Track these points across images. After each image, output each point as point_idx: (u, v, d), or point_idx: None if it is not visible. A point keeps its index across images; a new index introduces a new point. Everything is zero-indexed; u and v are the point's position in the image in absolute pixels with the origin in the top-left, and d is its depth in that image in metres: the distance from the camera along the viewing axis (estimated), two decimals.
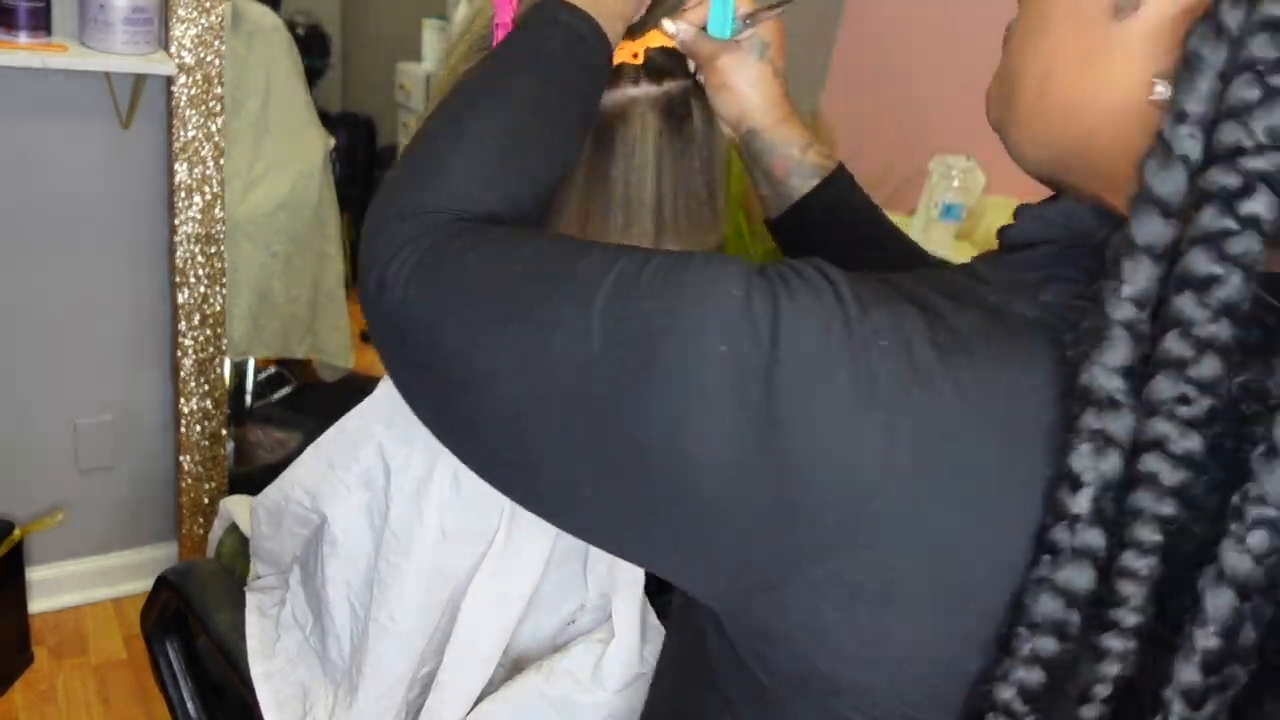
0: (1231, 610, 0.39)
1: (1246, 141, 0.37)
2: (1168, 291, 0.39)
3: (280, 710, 0.89)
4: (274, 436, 2.58)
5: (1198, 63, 0.38)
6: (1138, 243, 0.39)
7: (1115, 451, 0.40)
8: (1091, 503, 0.40)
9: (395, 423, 0.81)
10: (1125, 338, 0.39)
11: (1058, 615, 0.41)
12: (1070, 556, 0.40)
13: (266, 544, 0.97)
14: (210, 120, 1.69)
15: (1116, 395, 0.39)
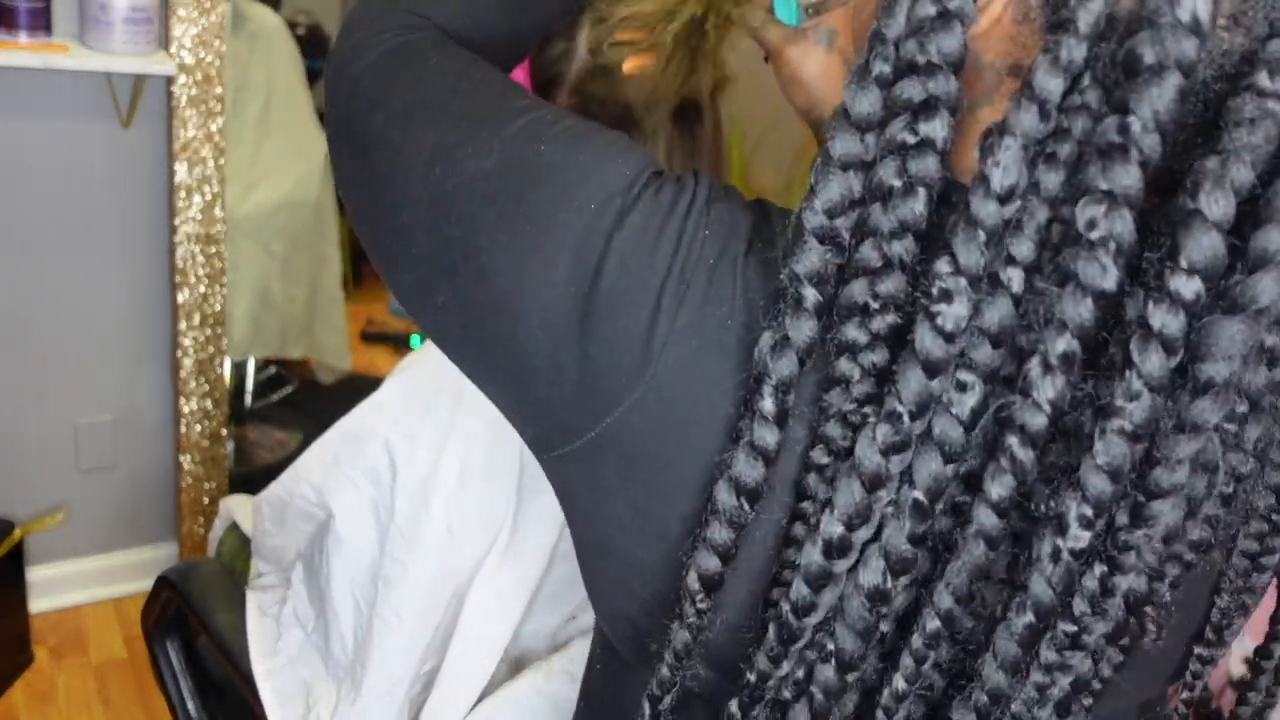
0: (858, 500, 0.39)
1: (920, 58, 0.39)
2: (867, 202, 0.40)
3: (283, 708, 0.89)
4: (274, 436, 2.58)
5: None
6: (833, 156, 0.41)
7: (792, 353, 0.41)
8: (769, 401, 0.41)
9: (401, 420, 0.82)
10: (814, 244, 0.41)
11: (730, 505, 0.42)
12: (745, 449, 0.41)
13: (270, 540, 0.97)
14: (210, 120, 1.69)
15: (802, 300, 0.41)
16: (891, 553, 0.40)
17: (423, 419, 0.81)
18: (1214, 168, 0.35)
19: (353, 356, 2.53)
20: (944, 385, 0.38)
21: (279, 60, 2.14)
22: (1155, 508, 0.37)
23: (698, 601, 0.44)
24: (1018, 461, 0.38)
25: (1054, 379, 0.36)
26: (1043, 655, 0.40)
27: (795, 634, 0.42)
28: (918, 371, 0.38)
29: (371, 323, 3.42)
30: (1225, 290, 0.35)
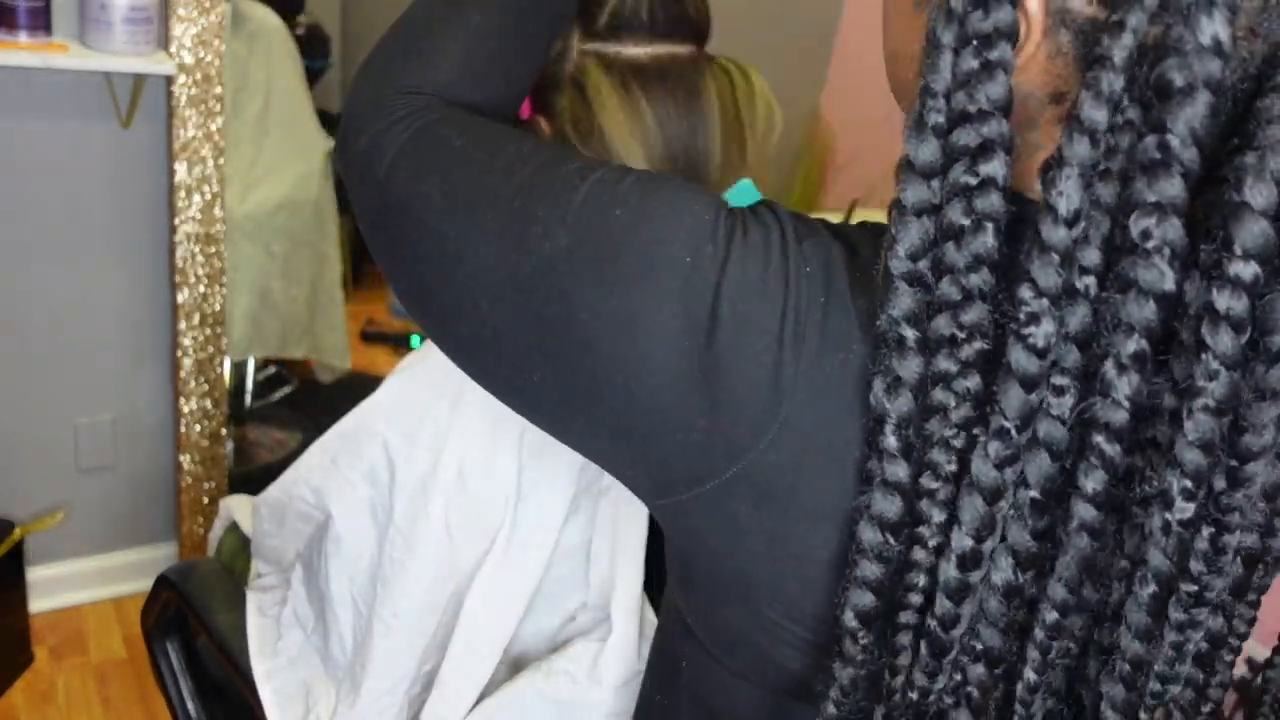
0: (982, 514, 0.43)
1: (971, 108, 0.42)
2: (939, 242, 0.43)
3: (282, 709, 0.89)
4: (274, 436, 2.58)
5: (935, 42, 0.43)
6: (906, 205, 0.44)
7: (906, 390, 0.44)
8: (893, 438, 0.44)
9: (400, 420, 0.82)
10: (905, 288, 0.44)
11: (876, 541, 0.45)
12: (880, 488, 0.45)
13: (269, 541, 0.97)
14: (210, 120, 1.69)
15: (904, 340, 0.44)
16: (1019, 550, 0.43)
17: (422, 420, 0.81)
18: (1253, 162, 0.38)
19: (353, 356, 2.52)
20: (1041, 394, 0.42)
21: (278, 60, 2.14)
22: (1249, 470, 0.41)
23: (859, 639, 0.46)
24: (1106, 456, 0.41)
25: (1129, 377, 0.40)
26: (1171, 617, 0.43)
27: (946, 646, 0.45)
28: (1016, 389, 0.42)
29: (371, 323, 3.42)
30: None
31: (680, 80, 0.79)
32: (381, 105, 0.58)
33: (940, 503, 0.44)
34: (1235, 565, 0.44)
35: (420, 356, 0.84)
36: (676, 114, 0.79)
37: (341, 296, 2.41)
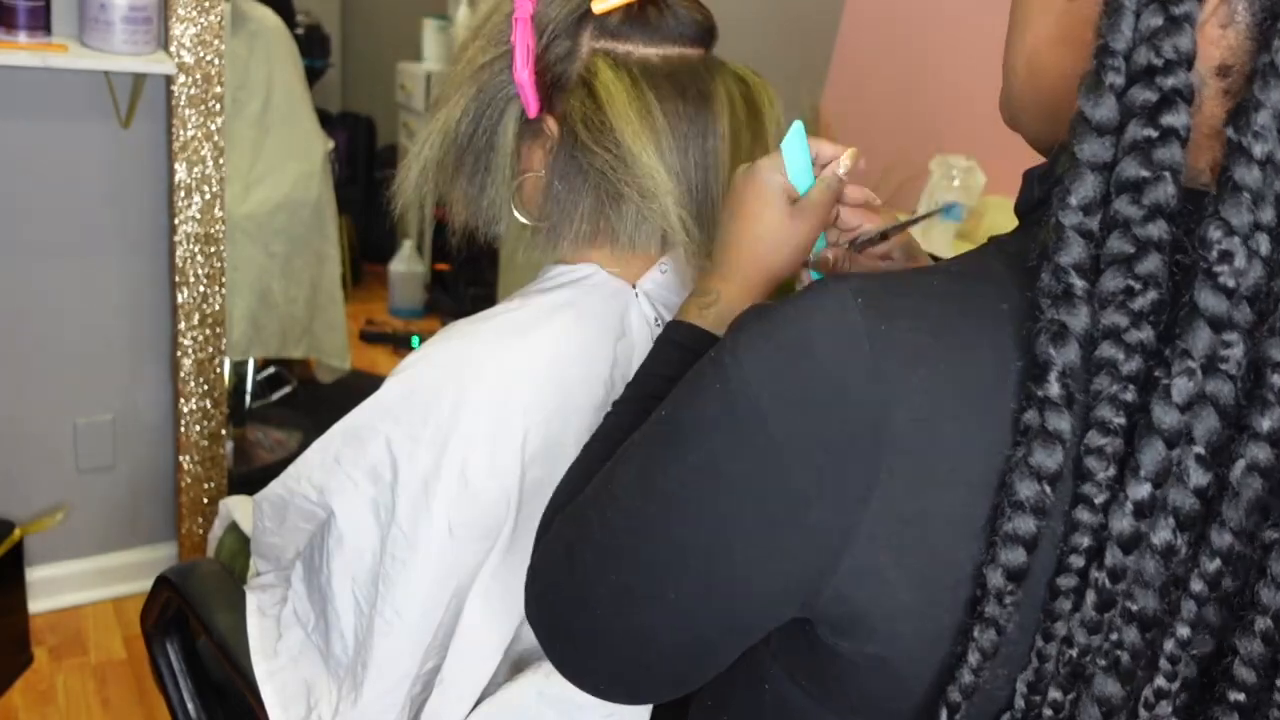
0: (1162, 459, 0.44)
1: (1156, 60, 0.43)
2: (1110, 198, 0.44)
3: (284, 708, 0.89)
4: (273, 436, 2.58)
5: (1117, 7, 0.44)
6: (1080, 159, 0.45)
7: (1073, 340, 0.44)
8: (1056, 386, 0.44)
9: (402, 419, 0.82)
10: (1076, 238, 0.45)
11: (1032, 494, 0.45)
12: (1039, 438, 0.45)
13: (269, 539, 0.97)
14: (210, 120, 1.69)
15: (1072, 289, 0.45)
16: (1180, 509, 0.45)
17: (424, 418, 0.81)
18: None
19: (352, 356, 2.52)
20: (1228, 335, 0.43)
21: (278, 59, 2.14)
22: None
23: (1006, 598, 0.47)
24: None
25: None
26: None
27: (1112, 599, 0.46)
28: (1204, 329, 0.43)
29: (371, 323, 3.42)
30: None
31: (692, 81, 0.79)
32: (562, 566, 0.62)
33: (1109, 457, 0.45)
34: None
35: (422, 356, 0.84)
36: (687, 115, 0.79)
37: (341, 296, 2.41)
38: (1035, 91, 0.55)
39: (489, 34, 0.81)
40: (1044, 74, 0.54)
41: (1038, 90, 0.55)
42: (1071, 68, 0.49)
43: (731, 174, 0.81)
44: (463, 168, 0.85)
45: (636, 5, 0.77)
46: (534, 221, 0.82)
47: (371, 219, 3.50)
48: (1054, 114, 0.53)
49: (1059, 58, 0.52)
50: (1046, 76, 0.54)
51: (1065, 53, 0.52)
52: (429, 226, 3.54)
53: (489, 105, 0.82)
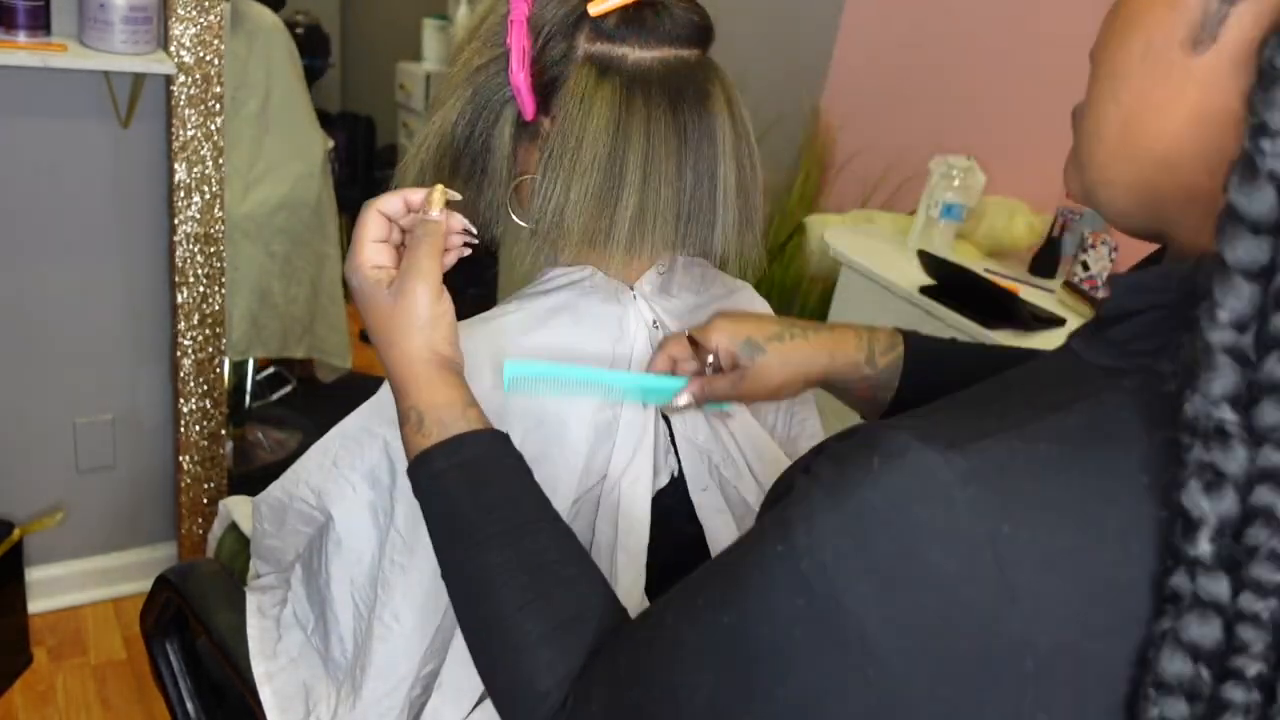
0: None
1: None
2: (1267, 312, 0.37)
3: (283, 710, 0.89)
4: (273, 436, 2.58)
5: (1274, 75, 0.37)
6: (1230, 263, 0.37)
7: (1229, 488, 0.38)
8: (1210, 544, 0.38)
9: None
10: (1228, 363, 0.38)
11: (1185, 673, 0.38)
12: (1192, 606, 0.38)
13: (268, 541, 0.97)
14: (210, 119, 1.69)
15: (1225, 425, 0.38)
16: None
17: None
18: None
19: (353, 356, 2.52)
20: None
21: (278, 59, 2.14)
22: None
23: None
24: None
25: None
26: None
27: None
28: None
29: None
30: None
31: (689, 83, 0.79)
32: None
33: (1266, 625, 0.38)
34: None
35: None
36: (681, 119, 0.78)
37: (341, 296, 2.41)
38: (1131, 163, 0.46)
39: (485, 36, 0.81)
40: (1148, 143, 0.45)
41: (1135, 162, 0.46)
42: (1189, 137, 0.42)
43: (726, 173, 0.81)
44: (459, 170, 0.85)
45: (633, 7, 0.77)
46: (531, 224, 0.82)
47: None
48: (1155, 192, 0.46)
49: (1171, 125, 0.44)
50: (1152, 146, 0.45)
51: (1180, 120, 0.43)
52: None
53: (485, 107, 0.81)
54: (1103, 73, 0.48)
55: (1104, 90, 0.47)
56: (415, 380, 0.67)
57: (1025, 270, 1.96)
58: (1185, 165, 0.43)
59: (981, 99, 2.18)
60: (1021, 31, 2.05)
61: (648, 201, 0.78)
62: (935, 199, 1.96)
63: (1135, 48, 0.45)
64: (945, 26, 2.28)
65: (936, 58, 2.30)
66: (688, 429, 0.88)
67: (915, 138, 2.30)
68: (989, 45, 2.14)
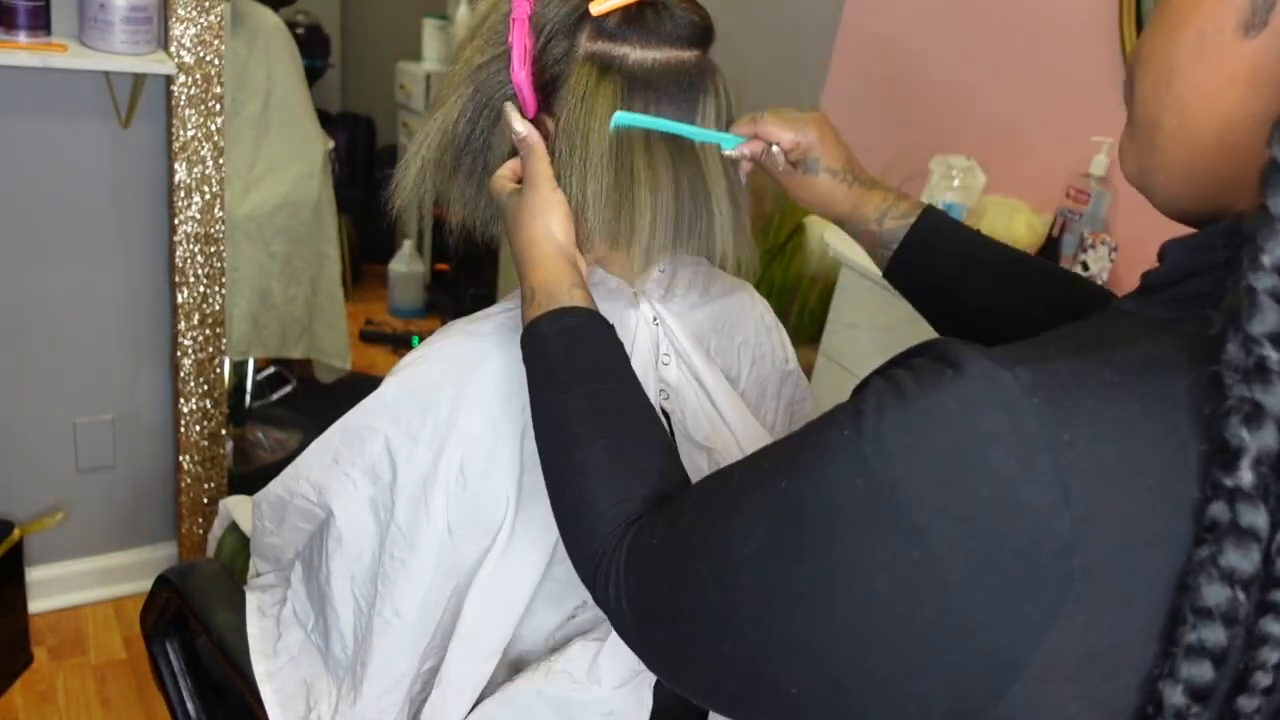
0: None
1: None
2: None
3: (284, 708, 0.89)
4: (273, 436, 2.58)
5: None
6: (1274, 212, 0.39)
7: (1270, 422, 0.39)
8: (1251, 474, 0.39)
9: (401, 418, 0.82)
10: (1270, 304, 0.39)
11: (1223, 599, 0.40)
12: (1231, 535, 0.40)
13: (268, 539, 0.97)
14: (210, 120, 1.69)
15: (1267, 362, 0.39)
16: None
17: (423, 418, 0.81)
18: None
19: (352, 356, 2.52)
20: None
21: (278, 59, 2.14)
22: None
23: (1189, 718, 0.41)
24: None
25: None
26: None
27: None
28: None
29: (371, 322, 3.42)
30: None
31: (688, 84, 0.79)
32: (594, 583, 0.63)
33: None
34: None
35: (420, 355, 0.84)
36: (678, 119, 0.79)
37: (341, 296, 2.41)
38: (1188, 148, 0.48)
39: (486, 34, 0.81)
40: (1205, 127, 0.47)
41: (1191, 146, 0.48)
42: (1247, 116, 0.44)
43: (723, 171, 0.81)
44: (460, 168, 0.85)
45: (634, 7, 0.77)
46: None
47: (371, 219, 3.51)
48: (1211, 174, 0.48)
49: (1229, 107, 0.45)
50: (1208, 129, 0.47)
51: (1238, 101, 0.45)
52: (428, 226, 3.55)
53: (486, 105, 0.82)
54: (1153, 66, 0.49)
55: (1159, 82, 0.49)
56: (533, 261, 0.76)
57: None
58: (1243, 144, 0.44)
59: (981, 99, 2.18)
60: (1021, 31, 2.05)
61: (647, 201, 0.78)
62: (935, 199, 1.96)
63: (1187, 39, 0.47)
64: (945, 26, 2.28)
65: (936, 58, 2.30)
66: (688, 426, 0.88)
67: (915, 138, 2.30)
68: (989, 45, 2.14)
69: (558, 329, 0.72)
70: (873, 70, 2.49)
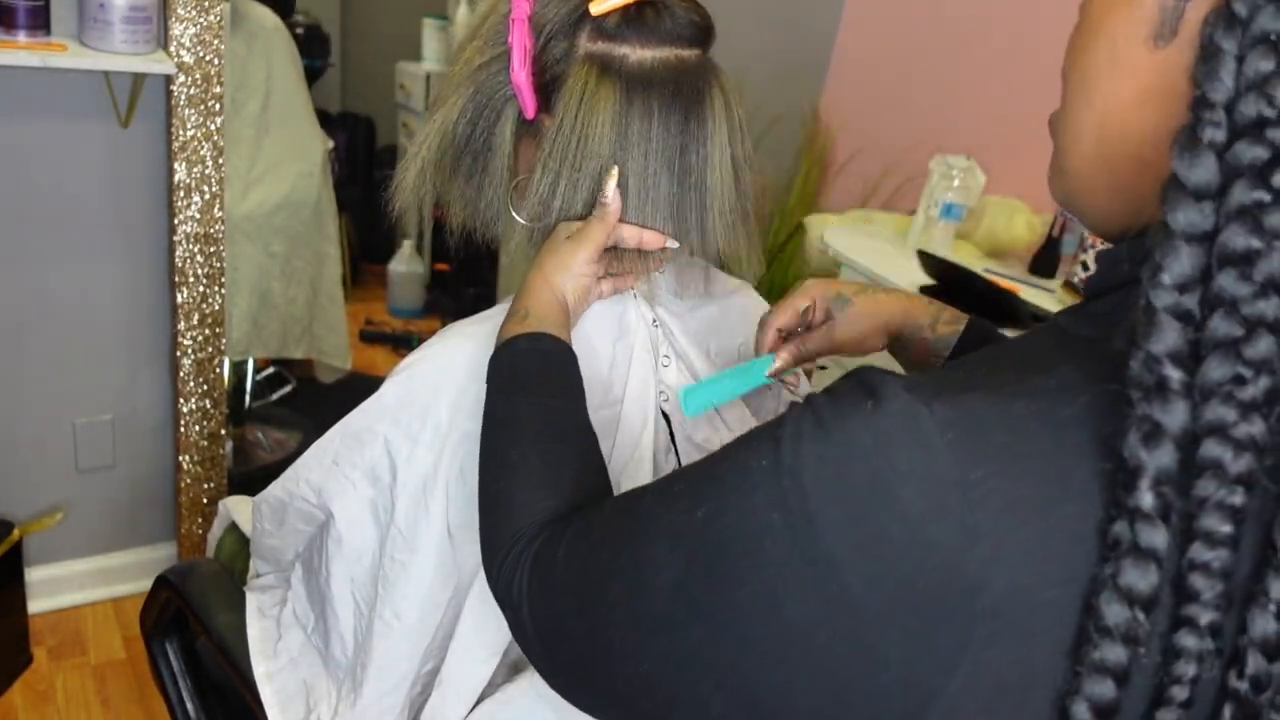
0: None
1: (1268, 111, 0.38)
2: (1211, 274, 0.39)
3: (284, 709, 0.89)
4: (273, 436, 2.58)
5: (1215, 51, 0.39)
6: (1173, 228, 0.39)
7: (1169, 441, 0.39)
8: (1150, 495, 0.39)
9: (400, 420, 0.82)
10: (1170, 321, 0.39)
11: (1122, 621, 0.40)
12: (1130, 555, 0.40)
13: (268, 541, 0.97)
14: (209, 119, 1.69)
15: (1166, 381, 0.39)
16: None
17: (423, 420, 0.81)
18: None
19: (352, 356, 2.52)
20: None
21: (278, 59, 2.14)
22: None
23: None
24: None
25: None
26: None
27: (1256, 710, 0.41)
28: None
29: (371, 322, 3.42)
30: None
31: (688, 84, 0.79)
32: (499, 574, 0.64)
33: (1217, 573, 0.39)
34: None
35: (420, 357, 0.84)
36: (678, 119, 0.78)
37: (341, 296, 2.41)
38: (1107, 164, 0.48)
39: (486, 35, 0.81)
40: (1121, 142, 0.47)
41: (1110, 162, 0.48)
42: (1157, 131, 0.43)
43: (722, 173, 0.81)
44: (460, 169, 0.85)
45: (634, 6, 0.77)
46: (531, 222, 0.82)
47: (371, 219, 3.51)
48: (1132, 190, 0.47)
49: (1141, 121, 0.45)
50: (1124, 145, 0.47)
51: (1150, 114, 0.45)
52: (428, 227, 3.55)
53: (486, 106, 0.82)
54: (1073, 81, 0.49)
55: (1076, 98, 0.49)
56: (538, 293, 0.79)
57: (1025, 270, 1.96)
58: (1159, 159, 0.44)
59: (981, 99, 2.18)
60: (1022, 31, 2.05)
61: (646, 201, 0.78)
62: (935, 199, 1.96)
63: (1101, 52, 0.47)
64: (945, 26, 2.28)
65: (936, 58, 2.30)
66: (687, 428, 0.88)
67: (915, 138, 2.30)
68: (989, 45, 2.14)
69: (534, 347, 0.74)
70: (873, 70, 2.48)
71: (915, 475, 0.42)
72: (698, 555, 0.48)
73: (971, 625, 0.41)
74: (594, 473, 0.71)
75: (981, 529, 0.41)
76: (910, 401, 0.43)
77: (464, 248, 0.91)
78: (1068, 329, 0.48)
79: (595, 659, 0.55)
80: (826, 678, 0.44)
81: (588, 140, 0.77)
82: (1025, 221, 1.99)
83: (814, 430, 0.45)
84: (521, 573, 0.61)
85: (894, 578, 0.42)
